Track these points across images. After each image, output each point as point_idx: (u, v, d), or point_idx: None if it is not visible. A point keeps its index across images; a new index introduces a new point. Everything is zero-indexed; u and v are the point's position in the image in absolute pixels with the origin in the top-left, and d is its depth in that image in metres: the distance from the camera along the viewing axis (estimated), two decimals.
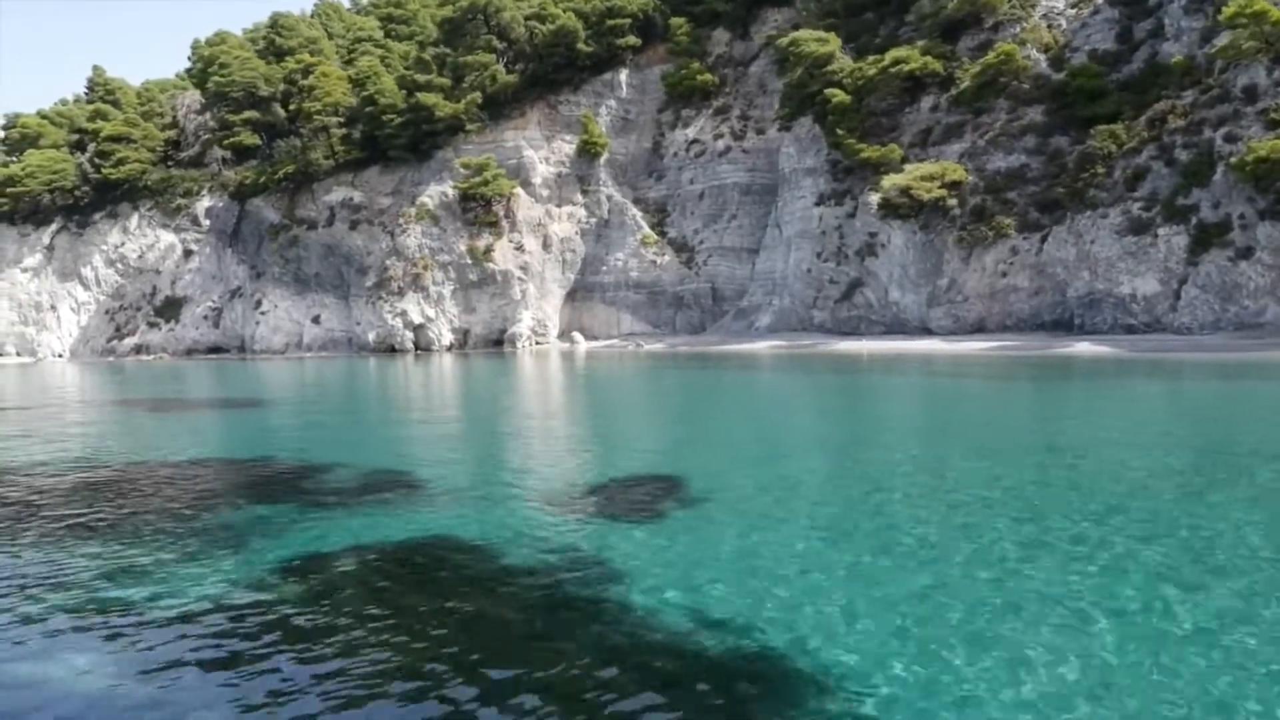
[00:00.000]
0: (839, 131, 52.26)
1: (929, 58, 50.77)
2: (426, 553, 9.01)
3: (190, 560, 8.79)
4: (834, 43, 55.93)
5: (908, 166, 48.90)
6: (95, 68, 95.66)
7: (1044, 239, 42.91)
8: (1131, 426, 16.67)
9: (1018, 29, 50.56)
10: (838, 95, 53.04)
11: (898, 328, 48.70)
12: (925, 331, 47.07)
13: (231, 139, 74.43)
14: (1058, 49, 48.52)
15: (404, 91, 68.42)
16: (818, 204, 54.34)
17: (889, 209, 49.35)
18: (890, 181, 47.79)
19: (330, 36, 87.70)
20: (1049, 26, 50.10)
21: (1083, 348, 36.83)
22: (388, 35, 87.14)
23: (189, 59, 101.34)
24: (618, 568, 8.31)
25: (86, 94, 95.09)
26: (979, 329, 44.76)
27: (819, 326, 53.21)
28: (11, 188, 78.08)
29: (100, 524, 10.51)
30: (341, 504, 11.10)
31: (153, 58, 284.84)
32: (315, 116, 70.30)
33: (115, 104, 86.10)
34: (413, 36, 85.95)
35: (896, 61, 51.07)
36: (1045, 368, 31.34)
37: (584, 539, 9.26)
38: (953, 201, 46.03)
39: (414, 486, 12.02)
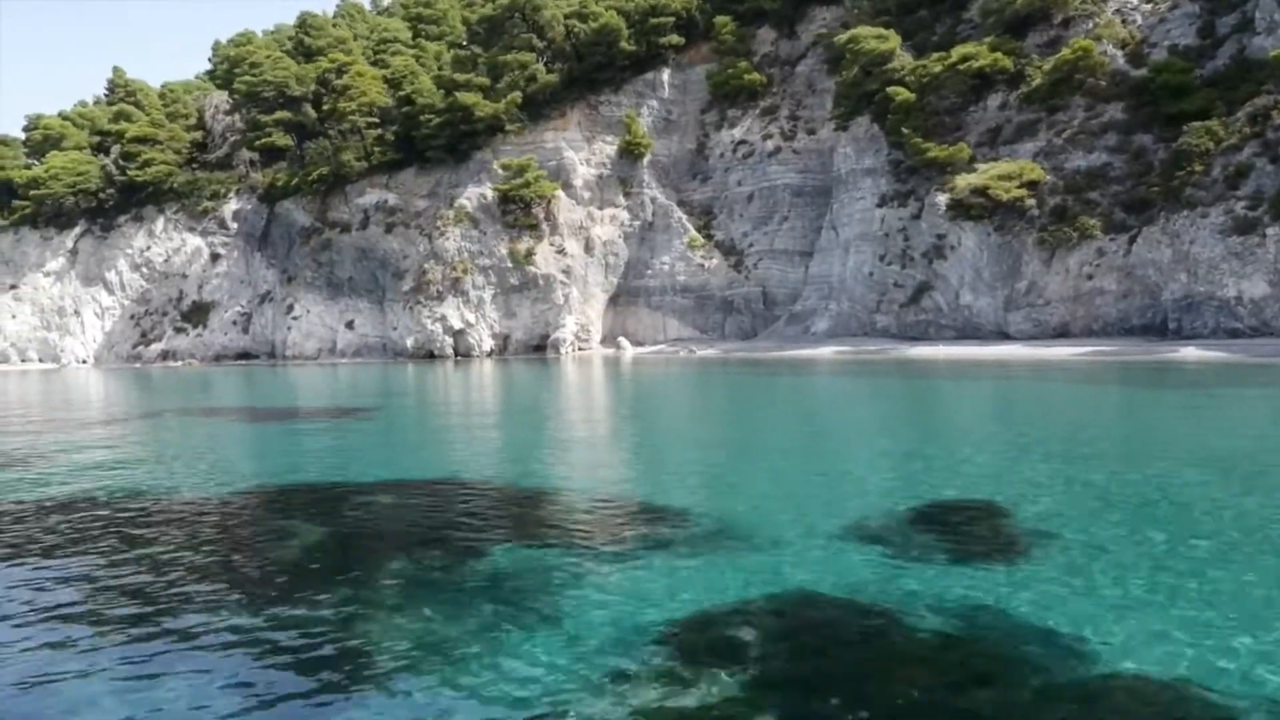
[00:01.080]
0: (904, 131, 50.61)
1: (999, 54, 49.19)
2: (797, 615, 7.24)
3: (507, 634, 7.01)
4: (893, 40, 54.35)
5: (979, 166, 47.30)
6: (115, 69, 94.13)
7: (1132, 240, 41.26)
8: None
9: (1090, 25, 49.00)
10: (901, 93, 51.44)
11: (970, 332, 47.02)
12: (1002, 336, 45.40)
13: (263, 140, 72.68)
14: (1135, 45, 46.96)
15: (442, 91, 66.80)
16: (879, 205, 52.69)
17: (959, 210, 47.72)
18: (964, 181, 46.18)
19: (354, 38, 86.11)
20: (1123, 22, 48.55)
21: (1190, 352, 35.16)
22: (416, 36, 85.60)
23: (210, 60, 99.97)
24: (1054, 630, 6.60)
25: (106, 95, 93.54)
26: (1062, 333, 43.10)
27: (882, 331, 51.52)
28: (35, 190, 76.40)
29: (356, 579, 8.74)
30: (617, 544, 9.32)
31: (157, 60, 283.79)
32: (350, 117, 68.61)
33: (137, 105, 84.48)
34: (442, 37, 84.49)
35: (965, 58, 49.49)
36: (1179, 372, 29.62)
37: (969, 589, 7.52)
38: (1031, 201, 44.40)
39: (683, 519, 10.24)
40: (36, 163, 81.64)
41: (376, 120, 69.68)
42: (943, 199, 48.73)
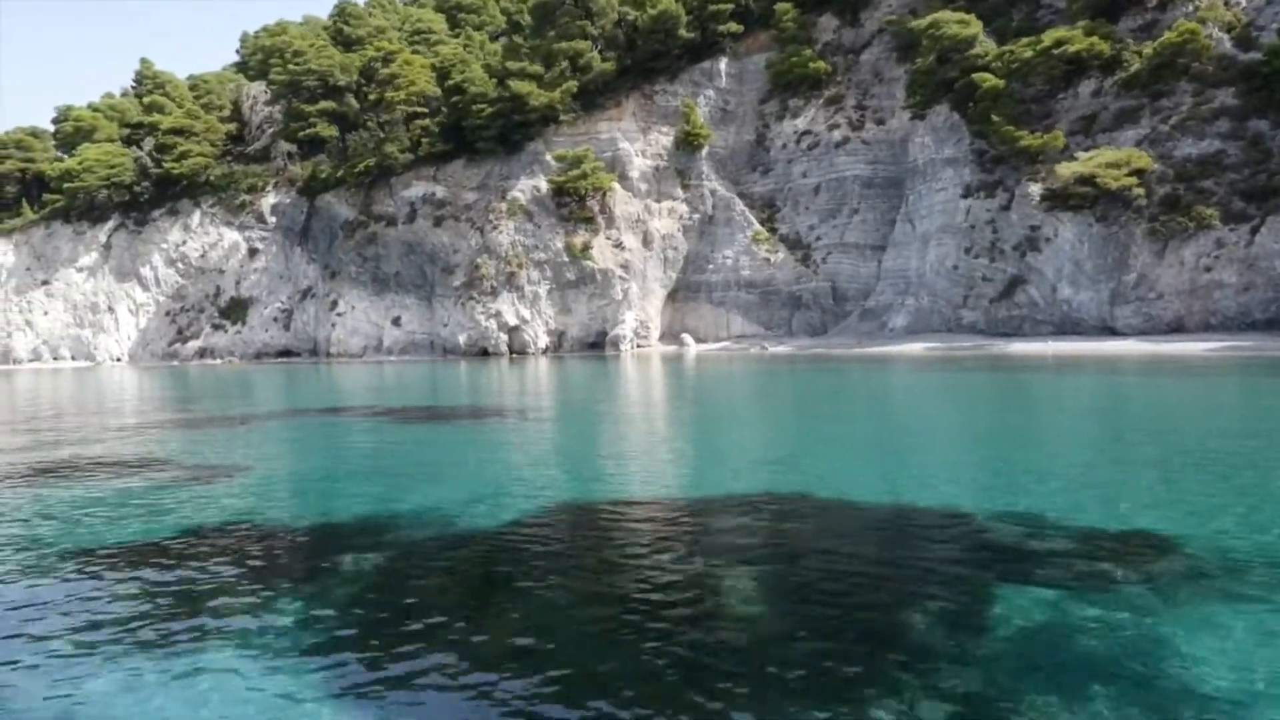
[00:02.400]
0: (995, 118, 48.62)
1: (1095, 38, 47.22)
2: None
3: None
4: (975, 25, 52.43)
5: (1079, 155, 45.32)
6: (143, 60, 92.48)
7: (1255, 230, 39.32)
8: None
9: (1189, 7, 47.04)
10: (988, 80, 49.48)
11: (1069, 327, 45.04)
12: (1107, 331, 43.41)
13: (307, 131, 70.55)
14: (1241, 28, 45.03)
15: (494, 80, 64.76)
16: (964, 196, 50.72)
17: (1055, 200, 45.79)
18: (1068, 170, 44.18)
19: (390, 28, 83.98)
20: (1226, 4, 46.62)
21: None
22: (455, 26, 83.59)
23: (238, 52, 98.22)
24: None
25: (134, 87, 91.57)
26: (1176, 328, 41.12)
27: (969, 327, 49.53)
28: (68, 183, 74.22)
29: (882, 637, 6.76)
30: (1140, 585, 7.33)
31: (161, 54, 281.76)
32: (399, 106, 66.52)
33: (166, 97, 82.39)
34: (482, 27, 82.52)
35: (1059, 42, 47.51)
36: None
37: None
38: (1139, 191, 42.43)
39: (1169, 549, 8.24)
40: (66, 156, 79.51)
41: (425, 110, 67.56)
42: (1036, 189, 46.82)
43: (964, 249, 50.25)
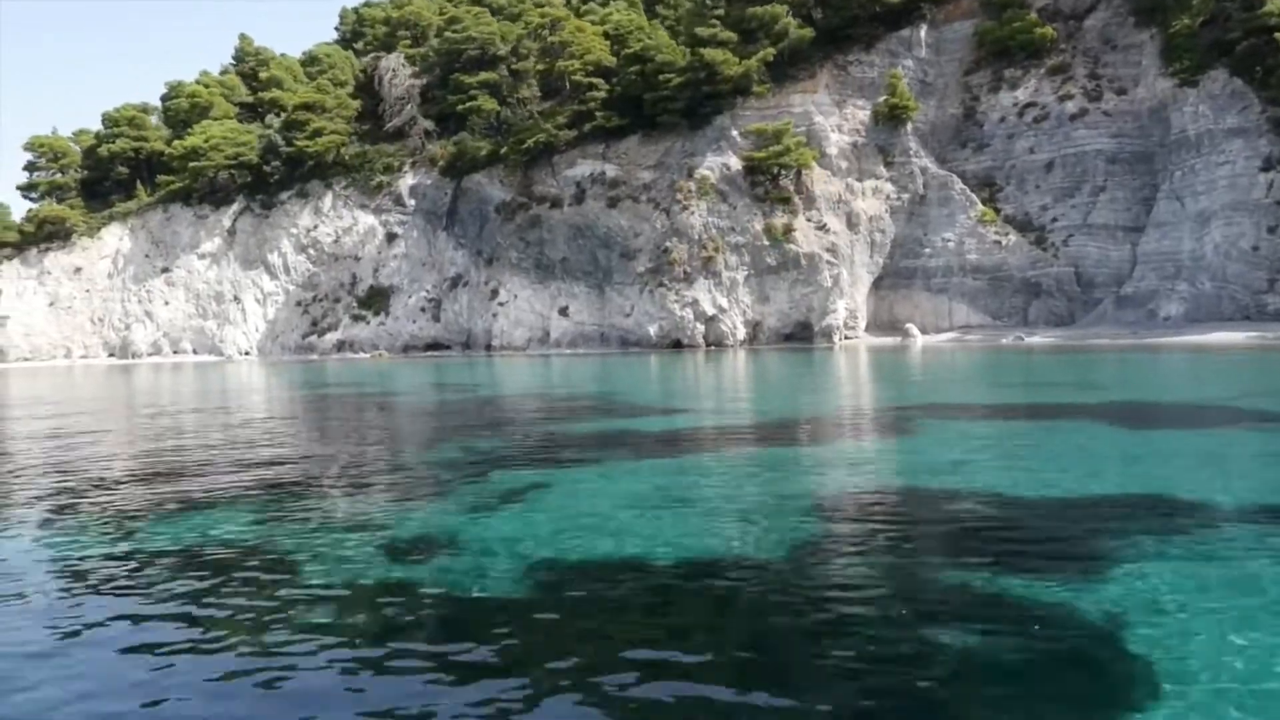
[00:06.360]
0: None
1: None
2: None
3: None
4: None
5: None
6: (242, 36, 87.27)
7: None
8: None
9: None
10: None
11: None
12: None
13: (466, 104, 64.90)
14: None
15: (683, 49, 59.34)
16: (1263, 169, 45.65)
17: None
18: None
19: None
20: None
21: None
22: None
23: (338, 29, 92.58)
24: None
25: (234, 64, 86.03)
26: None
27: (1275, 315, 44.42)
28: (193, 162, 68.46)
29: None
30: None
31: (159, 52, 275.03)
32: (574, 77, 61.00)
33: (268, 72, 76.73)
34: None
35: None
36: None
37: None
38: None
39: None
40: (179, 134, 73.72)
41: (600, 81, 62.02)
42: None
43: (1265, 228, 45.18)
